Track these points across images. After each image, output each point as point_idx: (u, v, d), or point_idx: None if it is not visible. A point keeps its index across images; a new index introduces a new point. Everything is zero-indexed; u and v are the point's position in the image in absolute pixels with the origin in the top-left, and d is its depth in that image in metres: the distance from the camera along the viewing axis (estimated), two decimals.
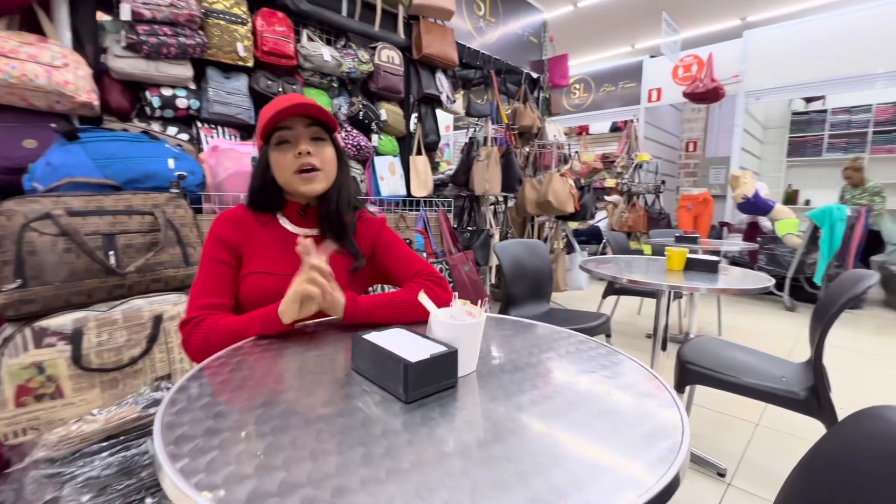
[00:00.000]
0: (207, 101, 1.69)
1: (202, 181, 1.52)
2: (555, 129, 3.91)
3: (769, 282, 1.46)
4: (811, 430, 1.82)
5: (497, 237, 3.04)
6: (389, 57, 2.37)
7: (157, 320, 1.19)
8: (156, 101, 1.57)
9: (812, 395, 1.31)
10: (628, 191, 5.14)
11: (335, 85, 2.18)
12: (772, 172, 5.85)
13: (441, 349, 0.56)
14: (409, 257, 0.96)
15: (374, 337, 0.60)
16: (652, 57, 5.49)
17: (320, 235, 0.92)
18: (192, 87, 1.68)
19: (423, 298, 0.64)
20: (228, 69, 1.78)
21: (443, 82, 2.79)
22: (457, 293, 0.72)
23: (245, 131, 1.88)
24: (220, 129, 1.79)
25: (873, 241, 4.18)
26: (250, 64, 1.80)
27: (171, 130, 1.66)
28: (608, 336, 1.94)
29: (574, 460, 0.43)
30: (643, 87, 5.56)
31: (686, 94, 4.85)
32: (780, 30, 4.49)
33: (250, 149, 1.70)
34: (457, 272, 2.43)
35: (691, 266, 1.66)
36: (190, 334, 0.75)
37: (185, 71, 1.61)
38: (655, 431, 0.48)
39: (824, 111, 5.38)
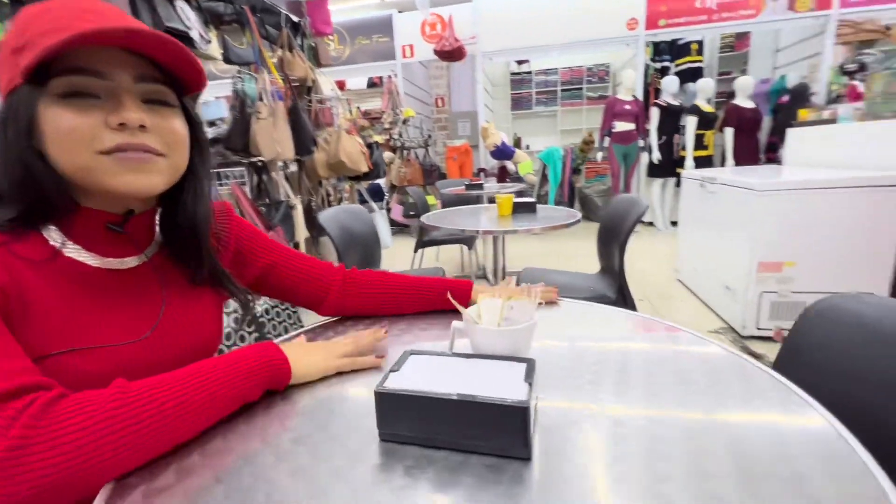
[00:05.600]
0: None
1: None
2: (329, 83, 3.61)
3: (578, 215, 1.76)
4: None
5: (300, 207, 2.66)
6: None
7: None
8: None
9: (620, 295, 1.68)
10: (401, 146, 5.32)
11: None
12: (502, 123, 7.07)
13: (520, 368, 0.40)
14: (308, 260, 0.71)
15: (408, 383, 0.39)
16: (400, 12, 5.61)
17: (174, 261, 0.56)
18: None
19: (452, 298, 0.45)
20: None
21: (187, 14, 2.13)
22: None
23: None
24: None
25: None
26: None
27: None
28: None
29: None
30: (396, 43, 5.68)
31: (436, 52, 5.21)
32: None
33: None
34: None
35: (517, 209, 1.84)
36: (26, 439, 0.34)
37: None
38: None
39: (530, 72, 6.76)
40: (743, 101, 4.41)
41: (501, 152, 5.16)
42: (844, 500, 0.32)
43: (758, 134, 4.51)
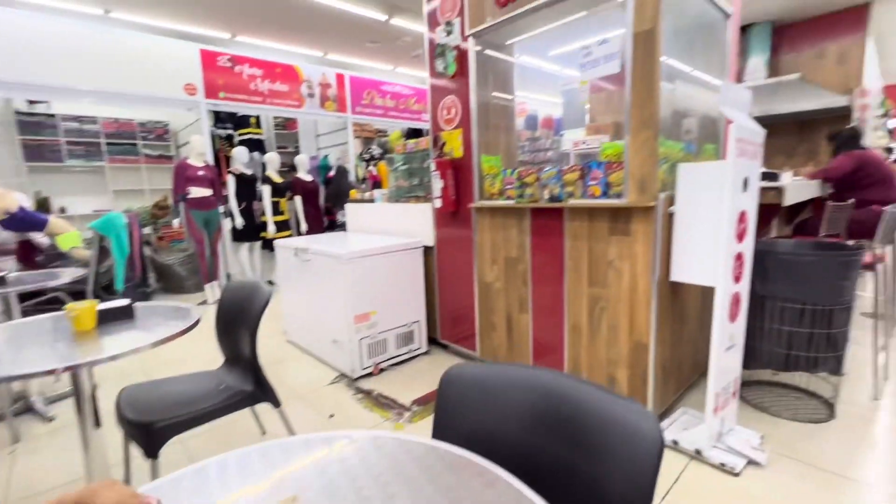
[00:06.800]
0: None
1: None
2: None
3: (195, 315, 1.54)
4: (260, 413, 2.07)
5: None
6: None
7: None
8: None
9: (258, 386, 1.61)
10: None
11: None
12: (9, 179, 5.03)
13: None
14: None
15: None
16: None
17: None
18: None
19: None
20: None
21: None
22: None
23: None
24: None
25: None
26: None
27: None
28: None
29: None
30: None
31: None
32: None
33: None
34: None
35: (105, 319, 1.39)
36: None
37: None
38: None
39: (54, 116, 5.20)
40: (303, 175, 5.25)
41: (22, 221, 3.66)
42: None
43: (318, 201, 5.49)
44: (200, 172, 4.45)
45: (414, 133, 7.42)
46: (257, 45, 6.03)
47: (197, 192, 4.42)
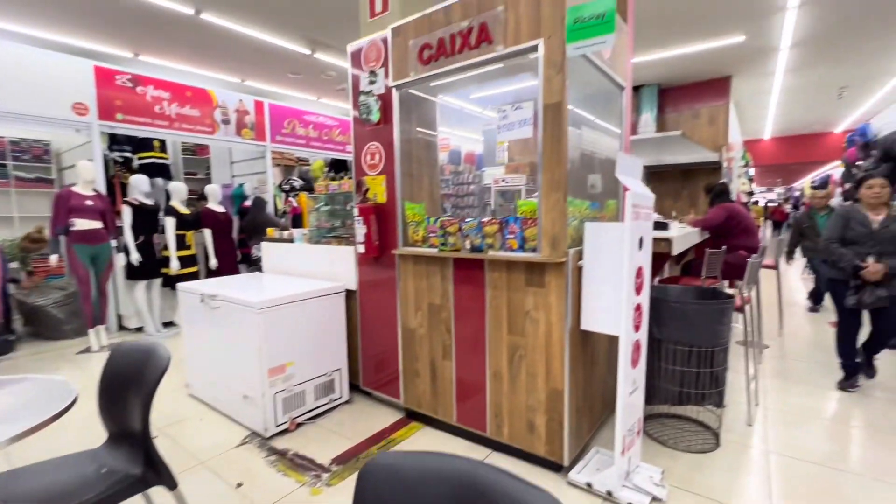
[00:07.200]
0: None
1: None
2: None
3: (73, 392, 1.33)
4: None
5: None
6: None
7: None
8: None
9: (149, 466, 1.41)
10: None
11: None
12: None
13: None
14: None
15: None
16: None
17: None
18: None
19: None
20: None
21: None
22: None
23: None
24: None
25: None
26: None
27: None
28: None
29: None
30: None
31: None
32: None
33: None
34: None
35: None
36: None
37: None
38: None
39: None
40: (215, 206, 4.88)
41: None
42: None
43: (231, 233, 5.12)
44: (89, 202, 3.95)
45: (338, 164, 7.31)
46: (165, 67, 5.61)
47: (83, 224, 3.90)
